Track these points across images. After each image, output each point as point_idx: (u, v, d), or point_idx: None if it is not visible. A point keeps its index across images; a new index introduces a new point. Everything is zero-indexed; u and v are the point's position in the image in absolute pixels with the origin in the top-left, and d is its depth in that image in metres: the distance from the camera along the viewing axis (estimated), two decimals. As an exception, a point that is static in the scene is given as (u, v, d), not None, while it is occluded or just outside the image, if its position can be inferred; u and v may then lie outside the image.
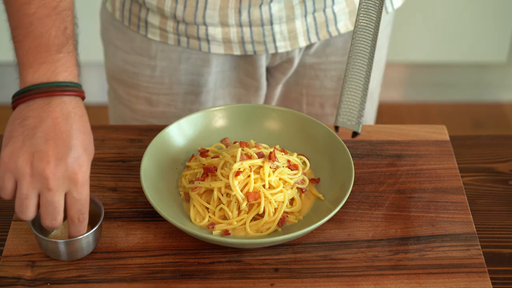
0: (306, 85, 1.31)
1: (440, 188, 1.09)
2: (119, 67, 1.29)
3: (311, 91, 1.31)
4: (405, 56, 2.55)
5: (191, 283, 0.95)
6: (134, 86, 1.29)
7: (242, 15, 1.15)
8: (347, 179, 1.02)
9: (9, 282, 0.94)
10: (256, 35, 1.18)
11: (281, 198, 1.01)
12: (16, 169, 0.88)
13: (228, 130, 1.13)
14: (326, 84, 1.30)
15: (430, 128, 1.19)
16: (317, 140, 1.10)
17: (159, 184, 1.03)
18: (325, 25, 1.20)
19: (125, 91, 1.31)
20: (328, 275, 0.96)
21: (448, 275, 0.97)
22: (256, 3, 1.14)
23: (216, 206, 1.00)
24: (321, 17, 1.19)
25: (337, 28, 1.21)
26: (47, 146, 0.88)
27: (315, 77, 1.30)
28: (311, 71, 1.29)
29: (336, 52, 1.27)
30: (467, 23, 2.47)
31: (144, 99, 1.30)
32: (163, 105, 1.29)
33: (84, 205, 0.91)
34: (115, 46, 1.28)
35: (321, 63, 1.28)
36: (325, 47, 1.26)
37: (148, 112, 1.31)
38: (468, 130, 2.55)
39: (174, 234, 1.01)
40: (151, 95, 1.28)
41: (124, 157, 1.12)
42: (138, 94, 1.30)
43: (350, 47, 0.98)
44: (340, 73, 1.29)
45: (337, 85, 1.31)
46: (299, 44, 1.20)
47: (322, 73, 1.29)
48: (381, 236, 1.01)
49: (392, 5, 1.25)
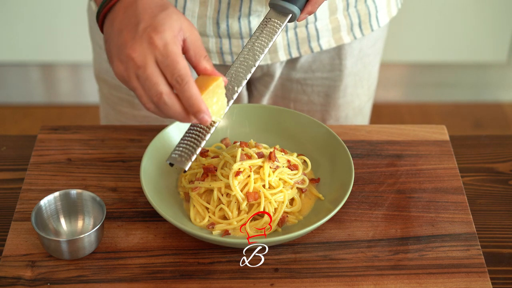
0: (293, 99, 1.31)
1: (440, 188, 1.09)
2: (103, 67, 1.30)
3: (299, 105, 1.31)
4: (405, 56, 2.55)
5: (191, 283, 0.95)
6: (117, 87, 1.30)
7: (220, 27, 1.15)
8: (347, 179, 1.02)
9: (9, 282, 0.94)
10: (235, 47, 1.17)
11: (281, 198, 1.01)
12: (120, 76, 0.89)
13: (228, 130, 1.13)
14: (313, 99, 1.30)
15: (430, 128, 1.19)
16: (317, 140, 1.10)
17: (159, 184, 1.04)
18: (306, 41, 1.19)
19: (109, 92, 1.32)
20: (328, 275, 0.96)
21: (448, 275, 0.97)
22: (235, 15, 1.13)
23: (216, 206, 1.00)
24: (302, 33, 1.19)
25: (319, 44, 1.20)
26: (121, 36, 0.89)
27: (302, 92, 1.30)
28: (298, 86, 1.29)
29: (323, 68, 1.26)
30: (467, 23, 2.47)
31: (126, 101, 1.30)
32: (145, 109, 1.29)
33: (176, 63, 0.87)
34: (99, 46, 1.28)
35: (308, 78, 1.28)
36: (312, 63, 1.25)
37: (131, 114, 1.31)
38: (468, 130, 2.55)
39: (174, 234, 1.01)
40: (133, 98, 1.29)
41: (124, 157, 1.12)
42: (120, 96, 1.30)
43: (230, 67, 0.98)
44: (326, 89, 1.29)
45: (324, 100, 1.31)
46: (279, 57, 1.20)
47: (309, 88, 1.29)
48: (381, 236, 1.01)
49: (378, 22, 1.23)
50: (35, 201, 1.04)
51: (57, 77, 2.56)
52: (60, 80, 2.57)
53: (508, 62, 2.55)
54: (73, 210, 1.00)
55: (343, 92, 1.30)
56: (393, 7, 1.25)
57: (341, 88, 1.29)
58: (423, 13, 2.45)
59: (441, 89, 2.67)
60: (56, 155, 1.12)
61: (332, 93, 1.29)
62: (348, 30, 1.20)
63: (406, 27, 2.46)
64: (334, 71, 1.27)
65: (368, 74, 1.32)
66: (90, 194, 1.00)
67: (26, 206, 1.03)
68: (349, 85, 1.29)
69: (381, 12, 1.22)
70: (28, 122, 2.51)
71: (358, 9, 1.20)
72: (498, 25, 2.47)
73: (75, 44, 2.41)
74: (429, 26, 2.47)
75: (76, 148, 1.13)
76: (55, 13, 2.35)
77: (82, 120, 2.54)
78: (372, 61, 1.31)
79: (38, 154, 1.12)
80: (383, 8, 1.23)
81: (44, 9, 2.34)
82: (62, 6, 2.34)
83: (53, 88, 2.58)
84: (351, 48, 1.25)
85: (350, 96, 1.31)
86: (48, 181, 1.08)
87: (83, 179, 1.08)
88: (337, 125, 1.20)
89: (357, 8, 1.19)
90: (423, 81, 2.65)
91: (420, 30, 2.48)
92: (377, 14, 1.22)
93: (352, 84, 1.30)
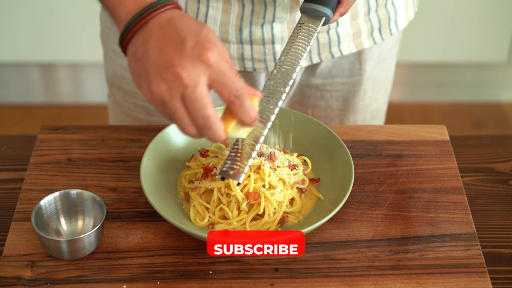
0: (311, 105, 1.30)
1: (440, 188, 1.09)
2: (117, 73, 1.29)
3: (317, 111, 1.31)
4: (405, 56, 2.55)
5: (191, 283, 0.95)
6: (132, 93, 1.29)
7: (243, 33, 1.14)
8: (347, 179, 1.02)
9: (9, 282, 0.94)
10: (256, 53, 1.16)
11: (281, 198, 1.01)
12: (158, 97, 0.84)
13: (228, 130, 1.13)
14: (332, 104, 1.30)
15: (430, 128, 1.19)
16: (317, 140, 1.10)
17: (159, 184, 1.03)
18: (327, 46, 1.19)
19: (123, 98, 1.31)
20: (328, 275, 0.96)
21: (448, 275, 0.97)
22: (258, 22, 1.13)
23: (216, 206, 1.00)
24: (324, 38, 1.18)
25: (340, 50, 1.20)
26: (163, 54, 0.84)
27: (321, 98, 1.29)
28: (316, 92, 1.29)
29: (342, 74, 1.26)
30: (467, 23, 2.47)
31: (141, 107, 1.29)
32: (161, 115, 1.29)
33: (233, 78, 0.84)
34: (114, 52, 1.27)
35: (327, 84, 1.27)
36: (331, 69, 1.25)
37: (146, 120, 1.30)
38: (468, 130, 2.55)
39: (174, 234, 1.01)
40: (149, 104, 1.28)
41: (124, 157, 1.12)
42: (136, 102, 1.29)
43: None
44: (346, 94, 1.29)
45: (343, 105, 1.30)
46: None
47: (328, 94, 1.29)
48: (381, 236, 1.01)
49: (396, 26, 1.24)
50: (35, 201, 1.04)
51: (57, 77, 2.56)
52: (60, 80, 2.57)
53: (508, 62, 2.55)
54: (73, 210, 1.00)
55: (362, 96, 1.30)
56: (411, 10, 1.26)
57: (360, 92, 1.29)
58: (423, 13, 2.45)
59: (441, 89, 2.67)
60: (56, 155, 1.12)
61: (351, 98, 1.30)
62: (369, 35, 1.20)
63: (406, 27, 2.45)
64: (354, 76, 1.26)
65: (385, 78, 1.33)
66: (90, 194, 1.00)
67: (26, 206, 1.03)
68: (368, 89, 1.29)
69: (400, 16, 1.23)
70: (28, 122, 2.51)
71: (379, 13, 1.20)
72: (498, 25, 2.47)
73: (75, 44, 2.41)
74: (429, 26, 2.47)
75: (76, 148, 1.13)
76: (55, 13, 2.35)
77: (82, 120, 2.54)
78: (390, 64, 1.32)
79: (38, 154, 1.12)
80: (402, 12, 1.23)
81: (44, 9, 2.34)
82: (62, 6, 2.34)
83: (53, 88, 2.58)
84: (371, 52, 1.25)
85: (369, 100, 1.31)
86: (48, 181, 1.08)
87: (83, 179, 1.08)
88: (337, 125, 1.20)
89: (378, 13, 1.19)
90: (423, 81, 2.65)
91: (420, 30, 2.48)
92: (396, 18, 1.22)
93: (371, 88, 1.30)
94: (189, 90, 0.83)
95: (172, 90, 0.83)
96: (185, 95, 0.83)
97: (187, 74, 0.83)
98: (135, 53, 0.87)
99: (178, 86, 0.83)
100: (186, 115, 0.84)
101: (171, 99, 0.84)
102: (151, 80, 0.84)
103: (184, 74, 0.83)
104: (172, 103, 0.84)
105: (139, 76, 0.86)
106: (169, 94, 0.83)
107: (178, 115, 0.84)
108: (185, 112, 0.84)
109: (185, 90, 0.83)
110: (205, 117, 0.84)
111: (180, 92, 0.83)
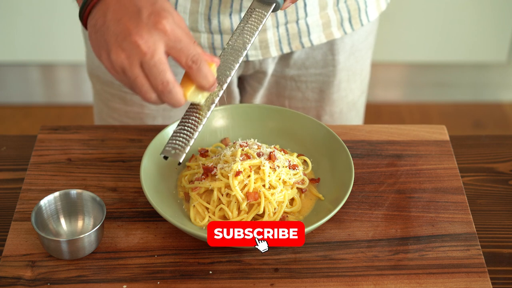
0: (288, 96, 1.32)
1: (440, 188, 1.09)
2: (95, 63, 1.30)
3: (294, 102, 1.32)
4: (405, 56, 2.55)
5: (191, 283, 0.95)
6: (108, 83, 1.30)
7: (212, 23, 1.15)
8: (347, 179, 1.02)
9: (9, 282, 0.94)
10: (226, 42, 1.17)
11: (281, 198, 1.01)
12: (118, 66, 0.87)
13: (228, 130, 1.13)
14: (308, 95, 1.31)
15: (430, 128, 1.19)
16: (317, 140, 1.10)
17: (159, 184, 1.04)
18: (297, 36, 1.20)
19: (101, 88, 1.32)
20: (328, 275, 0.96)
21: (448, 275, 0.97)
22: (226, 12, 1.14)
23: (216, 206, 1.00)
24: (293, 28, 1.19)
25: (310, 40, 1.21)
26: (120, 24, 0.87)
27: (297, 89, 1.30)
28: (292, 83, 1.29)
29: (316, 65, 1.27)
30: (467, 23, 2.47)
31: (118, 97, 1.30)
32: (137, 105, 1.29)
33: (189, 45, 0.87)
34: None
35: (302, 75, 1.28)
36: (305, 60, 1.26)
37: (123, 111, 1.31)
38: (468, 130, 2.55)
39: (174, 234, 1.01)
40: (125, 94, 1.29)
41: (124, 157, 1.12)
42: (112, 92, 1.30)
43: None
44: (321, 85, 1.30)
45: (319, 96, 1.31)
46: (271, 53, 1.20)
47: (303, 85, 1.30)
48: (381, 236, 1.01)
49: (367, 17, 1.24)
50: (35, 201, 1.04)
51: (57, 77, 2.56)
52: (60, 80, 2.57)
53: (508, 62, 2.55)
54: (73, 210, 1.00)
55: (337, 87, 1.31)
56: (382, 1, 1.26)
57: (335, 83, 1.30)
58: (423, 13, 2.45)
59: (441, 89, 2.67)
60: (56, 155, 1.12)
61: (326, 89, 1.30)
62: (338, 25, 1.21)
63: (406, 27, 2.46)
64: (327, 67, 1.27)
65: (361, 69, 1.34)
66: (90, 194, 1.00)
67: (26, 206, 1.03)
68: (342, 80, 1.30)
69: (370, 7, 1.23)
70: (28, 122, 2.51)
71: (348, 4, 1.21)
72: (498, 25, 2.47)
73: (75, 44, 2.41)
74: (429, 26, 2.47)
75: (76, 148, 1.13)
76: (55, 13, 2.35)
77: (82, 120, 2.54)
78: (364, 55, 1.33)
79: (38, 154, 1.12)
80: (373, 3, 1.24)
81: (44, 9, 2.34)
82: (62, 6, 2.34)
83: (53, 88, 2.58)
84: (343, 43, 1.26)
85: (344, 91, 1.32)
86: (48, 181, 1.08)
87: (83, 179, 1.08)
88: (337, 125, 1.20)
89: (347, 3, 1.20)
90: (423, 81, 2.65)
91: (421, 30, 2.48)
92: (367, 9, 1.23)
93: (346, 79, 1.31)
94: (147, 57, 0.86)
95: (131, 58, 0.86)
96: (144, 62, 0.86)
97: (144, 41, 0.86)
98: (95, 25, 0.90)
99: (137, 54, 0.86)
100: (146, 82, 0.87)
101: (131, 66, 0.86)
102: (110, 49, 0.87)
103: (142, 42, 0.86)
104: (132, 70, 0.87)
105: (99, 47, 0.89)
106: (128, 62, 0.86)
107: (138, 81, 0.87)
108: (144, 78, 0.87)
109: (144, 57, 0.86)
110: (165, 82, 0.87)
111: (138, 59, 0.86)
